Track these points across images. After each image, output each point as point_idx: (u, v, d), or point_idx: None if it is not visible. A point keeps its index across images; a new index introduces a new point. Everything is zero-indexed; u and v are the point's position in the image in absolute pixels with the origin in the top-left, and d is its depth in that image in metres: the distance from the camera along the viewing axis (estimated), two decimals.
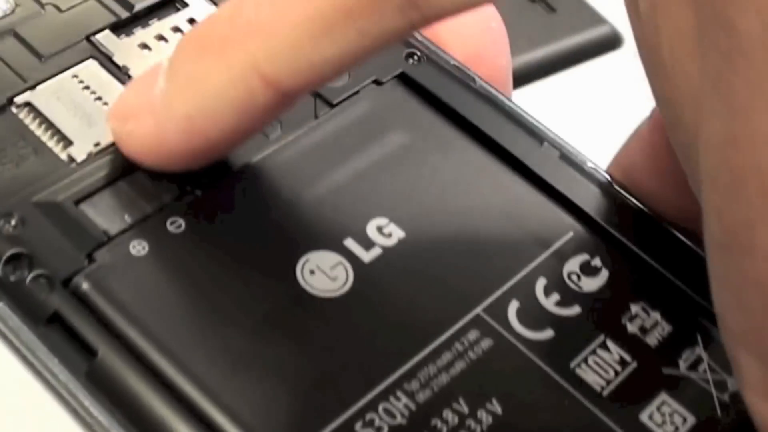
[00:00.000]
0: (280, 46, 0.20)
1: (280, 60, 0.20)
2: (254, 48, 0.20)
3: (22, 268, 0.21)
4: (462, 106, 0.26)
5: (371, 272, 0.23)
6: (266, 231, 0.23)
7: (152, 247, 0.22)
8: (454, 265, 0.24)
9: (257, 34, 0.20)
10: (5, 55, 0.25)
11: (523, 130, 0.26)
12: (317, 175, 0.24)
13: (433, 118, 0.26)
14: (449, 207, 0.25)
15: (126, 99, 0.23)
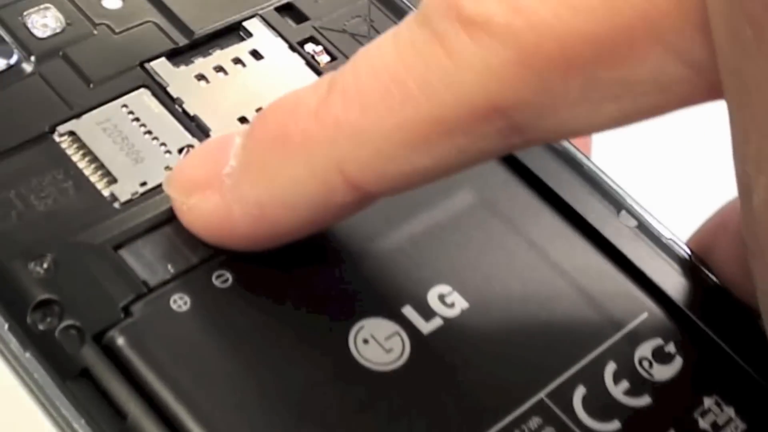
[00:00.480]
0: (369, 152, 0.18)
1: (368, 165, 0.19)
2: (340, 148, 0.19)
3: (52, 316, 0.20)
4: (537, 165, 0.24)
5: (429, 345, 0.21)
6: (319, 291, 0.21)
7: (195, 303, 0.20)
8: (519, 343, 0.22)
9: (345, 135, 0.18)
10: (51, 78, 0.23)
11: (600, 195, 0.24)
12: (378, 233, 0.22)
13: (506, 175, 0.24)
14: (518, 276, 0.22)
15: (190, 169, 0.21)
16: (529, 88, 0.17)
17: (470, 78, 0.17)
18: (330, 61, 0.25)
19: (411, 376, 0.20)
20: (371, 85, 0.18)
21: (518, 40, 0.16)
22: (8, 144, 0.22)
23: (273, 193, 0.20)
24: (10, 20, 0.24)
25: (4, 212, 0.21)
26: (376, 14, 0.26)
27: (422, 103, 0.17)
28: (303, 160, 0.19)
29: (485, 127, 0.17)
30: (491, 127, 0.17)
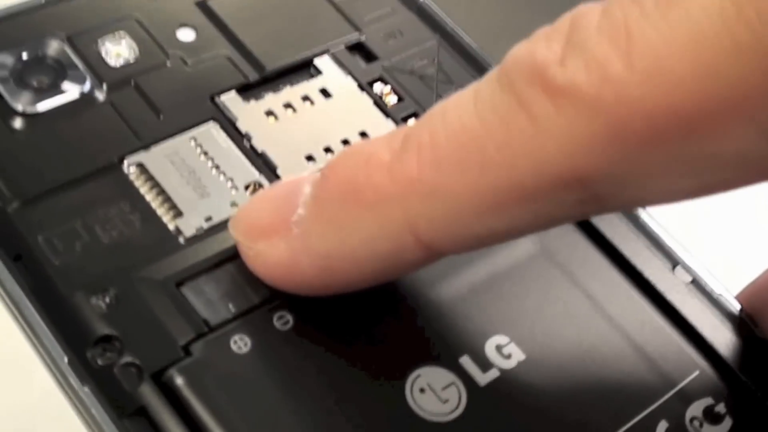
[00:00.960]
0: (442, 213, 0.18)
1: (440, 225, 0.18)
2: (412, 207, 0.18)
3: (112, 352, 0.20)
4: (597, 218, 0.24)
5: (485, 397, 0.21)
6: (378, 337, 0.21)
7: (255, 345, 0.20)
8: (573, 398, 0.21)
9: (418, 193, 0.18)
10: (122, 107, 0.23)
11: (656, 249, 0.24)
12: (439, 281, 0.22)
13: (566, 225, 0.24)
14: (574, 330, 0.22)
15: (257, 213, 0.21)
16: (613, 161, 0.16)
17: (553, 147, 0.16)
18: (398, 101, 0.25)
19: (466, 428, 0.20)
20: (448, 145, 0.18)
21: (606, 113, 0.16)
22: (77, 173, 0.22)
23: (342, 247, 0.19)
24: (84, 47, 0.24)
25: (69, 243, 0.21)
26: (445, 56, 0.26)
27: (501, 168, 0.17)
28: (374, 217, 0.19)
29: (564, 195, 0.17)
30: (570, 196, 0.17)
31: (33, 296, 0.20)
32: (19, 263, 0.21)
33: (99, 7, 0.25)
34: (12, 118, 0.22)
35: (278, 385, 0.20)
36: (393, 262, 0.19)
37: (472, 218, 0.18)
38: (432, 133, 0.18)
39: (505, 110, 0.17)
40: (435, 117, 0.18)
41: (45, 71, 0.23)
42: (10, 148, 0.22)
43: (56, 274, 0.20)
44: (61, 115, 0.23)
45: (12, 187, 0.21)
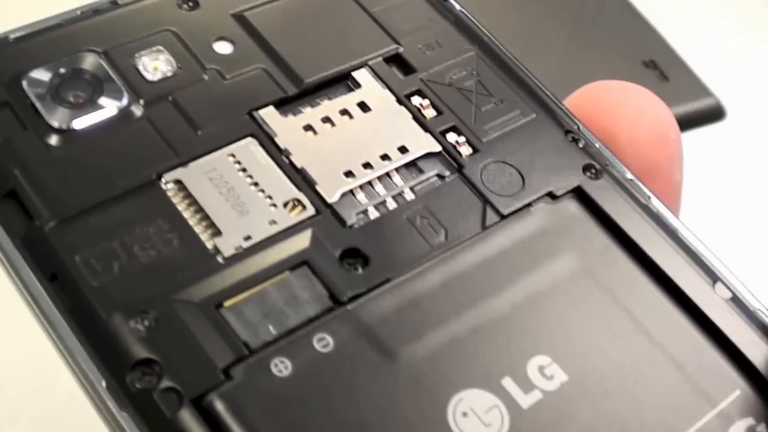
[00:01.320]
0: None
1: None
2: None
3: (151, 376, 0.20)
4: (637, 233, 0.24)
5: (528, 421, 0.20)
6: (420, 359, 0.21)
7: (296, 368, 0.20)
8: (615, 419, 0.21)
9: None
10: (160, 122, 0.23)
11: (697, 265, 0.23)
12: (479, 298, 0.22)
13: (607, 242, 0.23)
14: (615, 348, 0.22)
15: None
16: None
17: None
18: (436, 115, 0.25)
19: None
20: None
21: None
22: (115, 190, 0.22)
23: None
24: (121, 62, 0.24)
25: (107, 263, 0.21)
26: (483, 68, 0.26)
27: None
28: None
29: None
30: None
31: (70, 318, 0.20)
32: (55, 283, 0.21)
33: (135, 20, 0.25)
34: (49, 135, 0.22)
35: (320, 408, 0.20)
36: None
37: None
38: None
39: None
40: None
41: (82, 87, 0.23)
42: (47, 165, 0.22)
43: (94, 296, 0.20)
44: (99, 131, 0.22)
45: (49, 206, 0.21)
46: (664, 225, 0.24)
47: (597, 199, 0.24)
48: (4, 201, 0.21)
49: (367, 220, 0.22)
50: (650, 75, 0.53)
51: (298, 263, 0.22)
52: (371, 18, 0.26)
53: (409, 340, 0.21)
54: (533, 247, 0.23)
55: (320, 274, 0.21)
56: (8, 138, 0.22)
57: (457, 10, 0.27)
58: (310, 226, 0.22)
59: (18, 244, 0.21)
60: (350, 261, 0.22)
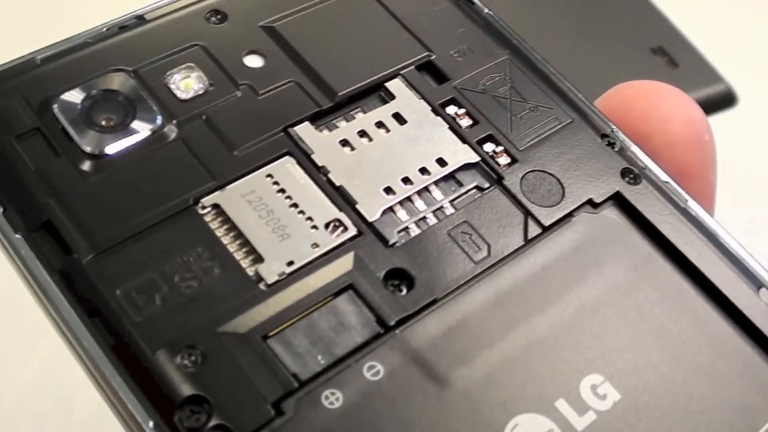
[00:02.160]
0: None
1: None
2: None
3: (200, 414, 0.19)
4: (680, 240, 0.23)
5: None
6: (472, 381, 0.20)
7: (347, 398, 0.20)
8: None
9: None
10: (194, 143, 0.22)
11: (740, 271, 0.23)
12: (526, 315, 0.21)
13: (650, 250, 0.23)
14: (665, 362, 0.22)
15: None
16: None
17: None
18: (472, 124, 0.24)
19: None
20: None
21: None
22: (152, 219, 0.21)
23: None
24: (152, 81, 0.23)
25: (149, 296, 0.20)
26: (516, 73, 0.25)
27: None
28: None
29: None
30: None
31: (114, 355, 0.20)
32: (95, 319, 0.20)
33: (163, 36, 0.24)
34: (82, 161, 0.22)
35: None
36: None
37: None
38: None
39: None
40: None
41: (113, 109, 0.22)
42: (82, 194, 0.21)
43: (138, 331, 0.20)
44: (132, 154, 0.22)
45: (86, 237, 0.21)
46: (705, 229, 0.23)
47: (637, 205, 0.23)
48: (39, 233, 0.21)
49: (408, 237, 0.22)
50: (659, 62, 0.53)
51: (343, 287, 0.21)
52: (401, 25, 0.25)
53: (459, 363, 0.20)
54: (577, 259, 0.22)
55: (366, 297, 0.21)
56: (41, 167, 0.21)
57: (485, 13, 0.26)
58: (353, 248, 0.21)
59: (56, 278, 0.20)
60: (394, 282, 0.21)
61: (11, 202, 0.21)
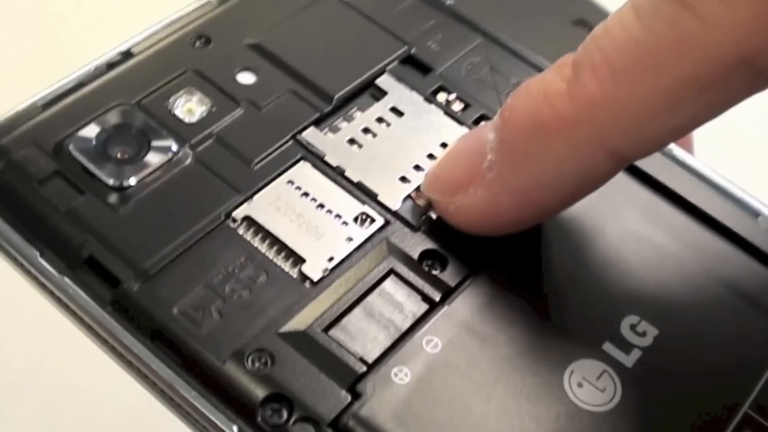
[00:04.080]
0: (628, 122, 0.20)
1: (627, 134, 0.20)
2: (599, 124, 0.20)
3: (281, 411, 0.20)
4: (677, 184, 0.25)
5: (636, 378, 0.21)
6: (524, 342, 0.21)
7: (414, 373, 0.21)
8: (710, 362, 0.22)
9: (603, 110, 0.20)
10: (211, 162, 0.23)
11: (735, 204, 0.24)
12: (555, 271, 0.23)
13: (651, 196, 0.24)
14: (690, 294, 0.23)
15: (449, 171, 0.22)
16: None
17: (721, 36, 0.18)
18: (464, 107, 0.25)
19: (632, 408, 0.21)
20: (622, 59, 0.19)
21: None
22: (189, 239, 0.22)
23: (538, 178, 0.21)
24: (156, 110, 0.23)
25: (206, 310, 0.21)
26: (492, 54, 0.26)
27: (676, 66, 0.19)
28: (564, 141, 0.20)
29: (733, 79, 0.19)
30: (738, 78, 0.19)
31: (185, 372, 0.20)
32: (157, 342, 0.20)
33: (154, 66, 0.24)
34: (108, 195, 0.22)
35: (445, 404, 0.20)
36: (587, 180, 0.21)
37: (655, 121, 0.20)
38: (603, 52, 0.19)
39: (672, 15, 0.19)
40: (600, 39, 0.20)
41: (127, 141, 0.23)
42: (116, 225, 0.22)
43: (203, 345, 0.20)
44: (155, 181, 0.22)
45: (131, 267, 0.21)
46: (696, 172, 0.25)
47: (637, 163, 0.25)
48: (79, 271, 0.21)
49: (430, 220, 0.23)
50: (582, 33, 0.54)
51: (385, 273, 0.22)
52: (376, 24, 0.26)
53: (507, 325, 0.22)
54: (589, 215, 0.24)
55: (407, 279, 0.22)
56: (70, 207, 0.22)
57: (447, 4, 0.27)
58: (385, 236, 0.22)
59: (109, 310, 0.21)
60: (428, 263, 0.22)
61: (47, 244, 0.21)
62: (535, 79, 0.21)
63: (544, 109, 0.20)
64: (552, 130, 0.20)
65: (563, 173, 0.21)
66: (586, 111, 0.20)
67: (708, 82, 0.19)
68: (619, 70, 0.19)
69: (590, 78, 0.20)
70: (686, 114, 0.20)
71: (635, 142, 0.20)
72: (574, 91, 0.20)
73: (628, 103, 0.19)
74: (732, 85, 0.19)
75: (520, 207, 0.21)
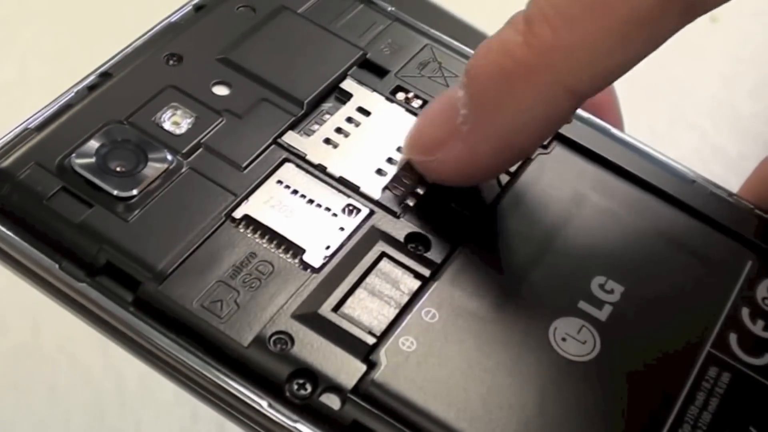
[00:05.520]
0: (584, 62, 0.22)
1: (583, 73, 0.23)
2: (559, 67, 0.22)
3: (306, 384, 0.22)
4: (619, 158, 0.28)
5: (612, 329, 0.24)
6: (510, 305, 0.24)
7: (419, 341, 0.23)
8: (673, 309, 0.25)
9: (560, 54, 0.22)
10: (205, 169, 0.25)
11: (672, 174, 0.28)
12: (525, 243, 0.25)
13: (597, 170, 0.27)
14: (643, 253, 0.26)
15: (427, 131, 0.25)
16: None
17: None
18: (422, 104, 0.28)
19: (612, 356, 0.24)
20: (570, 7, 0.22)
21: None
22: (197, 239, 0.23)
23: (510, 123, 0.23)
24: (146, 125, 0.25)
25: (224, 301, 0.22)
26: (440, 55, 0.29)
27: (619, 7, 0.22)
28: (528, 88, 0.23)
29: (669, 13, 0.22)
30: (672, 11, 0.22)
31: (211, 357, 0.22)
32: (182, 335, 0.22)
33: (135, 85, 0.26)
34: (115, 205, 0.24)
35: (451, 364, 0.23)
36: (554, 119, 0.24)
37: (606, 58, 0.22)
38: (552, 3, 0.22)
39: None
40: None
41: (125, 156, 0.24)
42: (127, 233, 0.23)
43: (227, 333, 0.22)
44: (156, 191, 0.24)
45: (146, 269, 0.23)
46: (633, 147, 0.28)
47: (576, 139, 0.28)
48: (99, 277, 0.23)
49: (409, 206, 0.25)
50: None
51: (378, 256, 0.24)
52: (332, 33, 0.28)
53: (493, 292, 0.24)
54: (548, 191, 0.26)
55: (398, 260, 0.24)
56: (81, 220, 0.23)
57: (390, 10, 0.30)
58: (372, 224, 0.25)
59: (133, 311, 0.22)
60: (413, 245, 0.25)
61: (64, 256, 0.23)
62: (493, 38, 0.23)
63: (506, 60, 0.23)
64: (516, 78, 0.23)
65: (531, 116, 0.23)
66: (544, 57, 0.22)
67: (648, 17, 0.22)
68: (569, 17, 0.22)
69: (545, 27, 0.22)
70: (632, 49, 0.22)
71: (591, 79, 0.23)
72: (530, 42, 0.22)
73: (581, 44, 0.22)
74: (668, 19, 0.22)
75: (497, 153, 0.24)
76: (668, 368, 0.24)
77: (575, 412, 0.22)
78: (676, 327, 0.24)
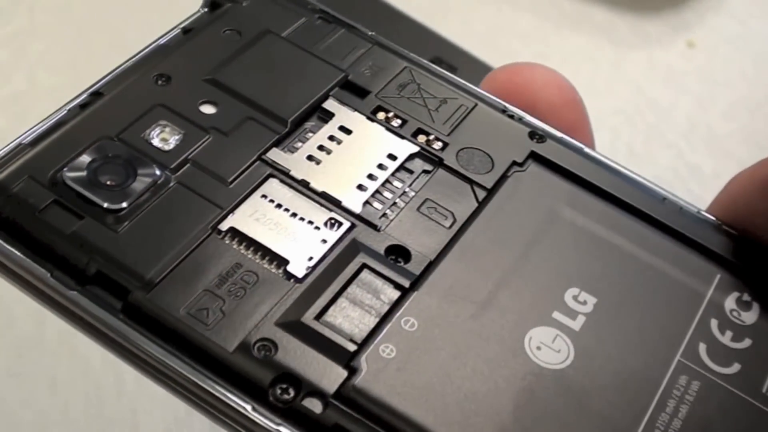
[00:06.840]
0: None
1: None
2: None
3: (289, 389, 0.23)
4: (592, 176, 0.29)
5: (585, 339, 0.25)
6: (487, 315, 0.25)
7: (398, 348, 0.24)
8: (646, 320, 0.26)
9: None
10: (192, 184, 0.26)
11: (642, 191, 0.29)
12: (502, 258, 0.26)
13: (572, 188, 0.28)
14: (617, 268, 0.27)
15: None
16: None
17: None
18: (401, 124, 0.29)
19: (585, 364, 0.25)
20: None
21: None
22: (184, 250, 0.24)
23: None
24: (136, 141, 0.26)
25: (210, 309, 0.23)
26: (419, 77, 0.30)
27: None
28: None
29: None
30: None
31: (197, 363, 0.23)
32: (169, 342, 0.23)
33: (125, 104, 0.27)
34: (105, 217, 0.24)
35: (428, 371, 0.24)
36: None
37: None
38: None
39: None
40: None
41: (115, 170, 0.25)
42: (117, 243, 0.24)
43: (213, 339, 0.23)
44: (145, 204, 0.25)
45: (135, 278, 0.24)
46: (606, 165, 0.29)
47: (551, 157, 0.29)
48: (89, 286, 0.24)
49: (388, 220, 0.26)
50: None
51: (359, 268, 0.25)
52: (314, 56, 0.30)
53: (469, 303, 0.25)
54: (524, 207, 0.28)
55: (379, 272, 0.25)
56: (72, 231, 0.24)
57: (370, 34, 0.31)
58: (353, 237, 0.26)
59: (122, 318, 0.23)
60: (393, 257, 0.26)
61: (56, 265, 0.24)
62: None
63: None
64: None
65: None
66: None
67: None
68: None
69: None
70: None
71: None
72: None
73: None
74: None
75: None
76: (640, 376, 0.25)
77: (550, 418, 0.23)
78: (647, 337, 0.25)
